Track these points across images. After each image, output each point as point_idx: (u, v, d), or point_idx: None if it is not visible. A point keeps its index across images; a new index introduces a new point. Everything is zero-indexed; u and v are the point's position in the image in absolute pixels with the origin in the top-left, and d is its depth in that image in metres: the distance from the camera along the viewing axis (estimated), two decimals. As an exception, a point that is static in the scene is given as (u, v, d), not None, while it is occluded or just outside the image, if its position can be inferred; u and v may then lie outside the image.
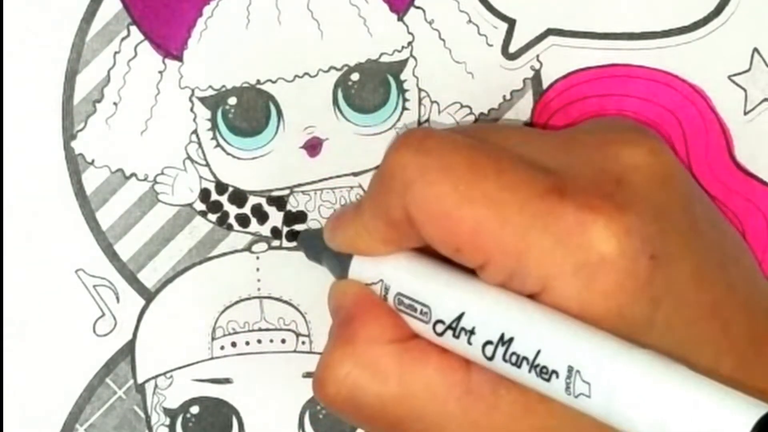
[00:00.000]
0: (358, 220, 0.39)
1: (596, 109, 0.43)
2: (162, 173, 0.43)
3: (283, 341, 0.44)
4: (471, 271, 0.37)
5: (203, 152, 0.43)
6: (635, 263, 0.35)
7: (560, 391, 0.34)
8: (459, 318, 0.36)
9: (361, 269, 0.40)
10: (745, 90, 0.43)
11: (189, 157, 0.44)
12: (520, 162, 0.37)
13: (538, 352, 0.34)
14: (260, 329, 0.44)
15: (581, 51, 0.43)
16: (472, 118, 0.44)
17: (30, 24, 0.43)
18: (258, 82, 0.43)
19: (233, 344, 0.44)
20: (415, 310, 0.38)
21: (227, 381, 0.44)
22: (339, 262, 0.41)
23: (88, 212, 0.43)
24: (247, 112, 0.43)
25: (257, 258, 0.44)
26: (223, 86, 0.43)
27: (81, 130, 0.43)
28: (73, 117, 0.43)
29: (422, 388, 0.37)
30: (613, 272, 0.35)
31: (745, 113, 0.44)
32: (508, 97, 0.44)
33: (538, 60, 0.43)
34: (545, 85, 0.43)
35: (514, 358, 0.35)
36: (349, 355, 0.38)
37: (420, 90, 0.44)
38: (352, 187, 0.44)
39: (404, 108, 0.44)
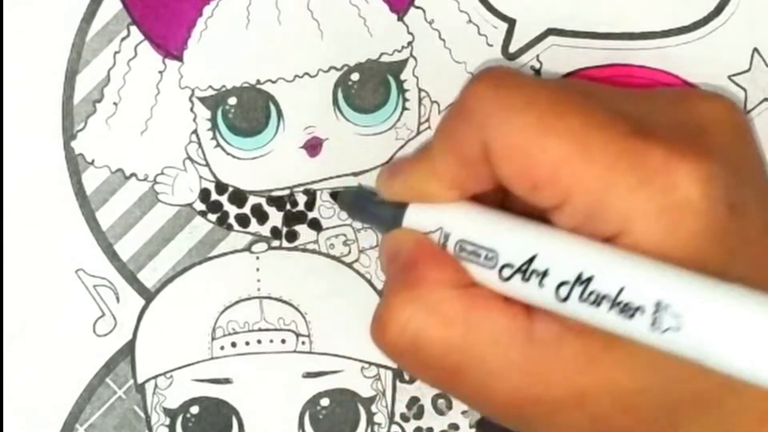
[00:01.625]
0: (425, 163, 0.38)
1: (596, 109, 0.43)
2: (162, 173, 0.44)
3: (283, 341, 0.44)
4: (537, 220, 0.37)
5: (203, 152, 0.44)
6: (716, 210, 0.35)
7: (644, 329, 0.34)
8: (530, 261, 0.36)
9: (417, 218, 0.39)
10: (745, 90, 0.43)
11: (189, 157, 0.44)
12: (602, 104, 0.36)
13: (621, 289, 0.34)
14: (260, 329, 0.44)
15: (581, 51, 0.43)
16: (472, 118, 0.44)
17: (30, 24, 0.43)
18: (258, 82, 0.43)
19: (233, 344, 0.44)
20: (479, 256, 0.37)
21: (227, 381, 0.44)
22: (391, 214, 0.40)
23: (88, 212, 0.44)
24: (247, 112, 0.43)
25: (257, 258, 0.44)
26: (223, 86, 0.43)
27: (81, 130, 0.43)
28: (73, 117, 0.43)
29: (486, 335, 0.37)
30: (695, 217, 0.35)
31: (745, 113, 0.44)
32: (508, 97, 0.44)
33: (538, 60, 0.43)
34: (545, 85, 0.43)
35: (593, 297, 0.34)
36: (413, 298, 0.37)
37: (420, 90, 0.44)
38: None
39: (404, 108, 0.44)
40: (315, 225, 0.44)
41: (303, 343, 0.44)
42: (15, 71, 0.43)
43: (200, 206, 0.44)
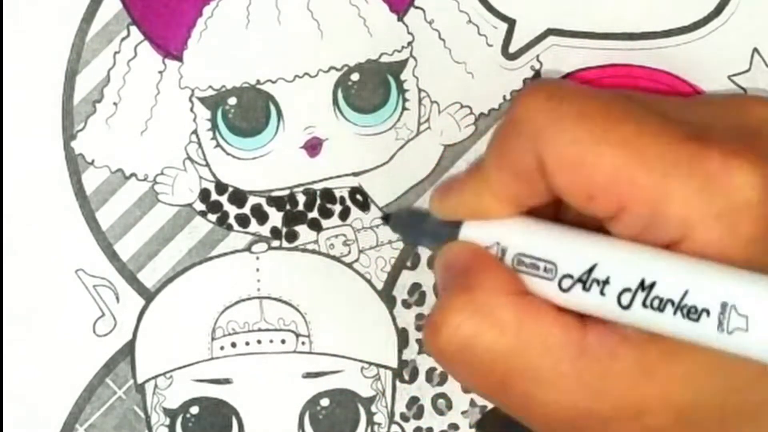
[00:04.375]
0: (479, 179, 0.38)
1: (596, 109, 0.43)
2: (162, 173, 0.44)
3: (283, 341, 0.44)
4: (595, 230, 0.37)
5: (203, 152, 0.44)
6: None
7: (711, 331, 0.34)
8: (591, 270, 0.36)
9: (473, 234, 0.39)
10: (745, 90, 0.43)
11: (189, 157, 0.44)
12: (655, 111, 0.36)
13: (686, 292, 0.34)
14: (260, 329, 0.44)
15: (581, 51, 0.43)
16: (472, 118, 0.44)
17: (30, 24, 0.43)
18: (258, 82, 0.43)
19: (233, 344, 0.44)
20: (538, 268, 0.37)
21: (227, 381, 0.44)
22: (446, 232, 0.40)
23: (88, 212, 0.44)
24: (247, 112, 0.43)
25: (257, 258, 0.44)
26: (223, 86, 0.43)
27: (81, 130, 0.43)
28: (73, 117, 0.43)
29: (538, 344, 0.37)
30: (755, 219, 0.34)
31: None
32: (508, 97, 0.44)
33: (538, 60, 0.43)
34: (545, 85, 0.43)
35: (656, 302, 0.34)
36: (467, 302, 0.37)
37: (420, 90, 0.44)
38: (352, 187, 0.44)
39: (404, 108, 0.44)
40: (315, 225, 0.44)
41: (303, 343, 0.44)
42: (15, 71, 0.43)
43: (200, 206, 0.44)
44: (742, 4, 0.43)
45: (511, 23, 0.43)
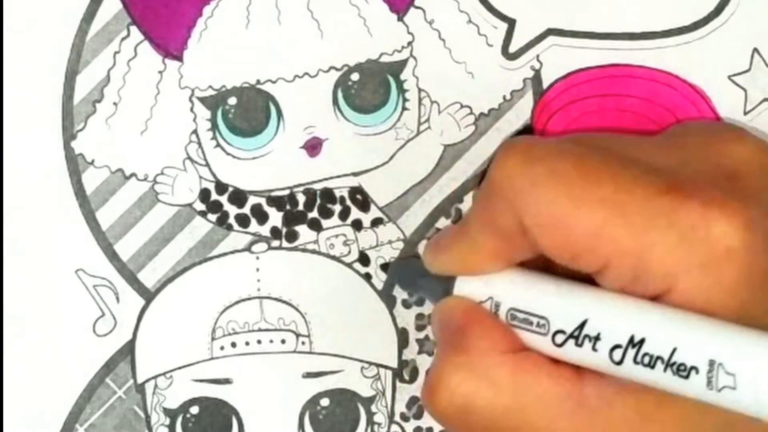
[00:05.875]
0: (465, 238, 0.39)
1: (596, 109, 0.43)
2: (162, 173, 0.44)
3: (283, 341, 0.44)
4: (586, 282, 0.37)
5: (203, 152, 0.44)
6: (758, 256, 0.35)
7: (700, 388, 0.34)
8: (581, 326, 0.36)
9: (467, 289, 0.39)
10: (745, 90, 0.43)
11: (189, 157, 0.44)
12: (631, 163, 0.36)
13: (674, 350, 0.34)
14: (260, 329, 0.44)
15: (581, 51, 0.43)
16: (472, 118, 0.44)
17: (30, 24, 0.43)
18: (258, 82, 0.43)
19: (233, 344, 0.44)
20: (531, 323, 0.37)
21: (227, 381, 0.44)
22: (441, 287, 0.40)
23: (88, 212, 0.44)
24: (247, 112, 0.43)
25: (257, 258, 0.44)
26: (223, 86, 0.43)
27: (81, 130, 0.43)
28: (73, 117, 0.43)
29: (535, 400, 0.37)
30: (738, 266, 0.35)
31: (745, 113, 0.44)
32: (508, 97, 0.44)
33: (538, 60, 0.43)
34: (545, 85, 0.44)
35: (646, 359, 0.35)
36: (462, 364, 0.38)
37: (420, 90, 0.44)
38: (352, 187, 0.44)
39: (404, 108, 0.44)
40: (315, 225, 0.44)
41: (303, 343, 0.44)
42: (15, 71, 0.43)
43: (200, 206, 0.44)
44: (742, 4, 0.43)
45: (511, 23, 0.43)
